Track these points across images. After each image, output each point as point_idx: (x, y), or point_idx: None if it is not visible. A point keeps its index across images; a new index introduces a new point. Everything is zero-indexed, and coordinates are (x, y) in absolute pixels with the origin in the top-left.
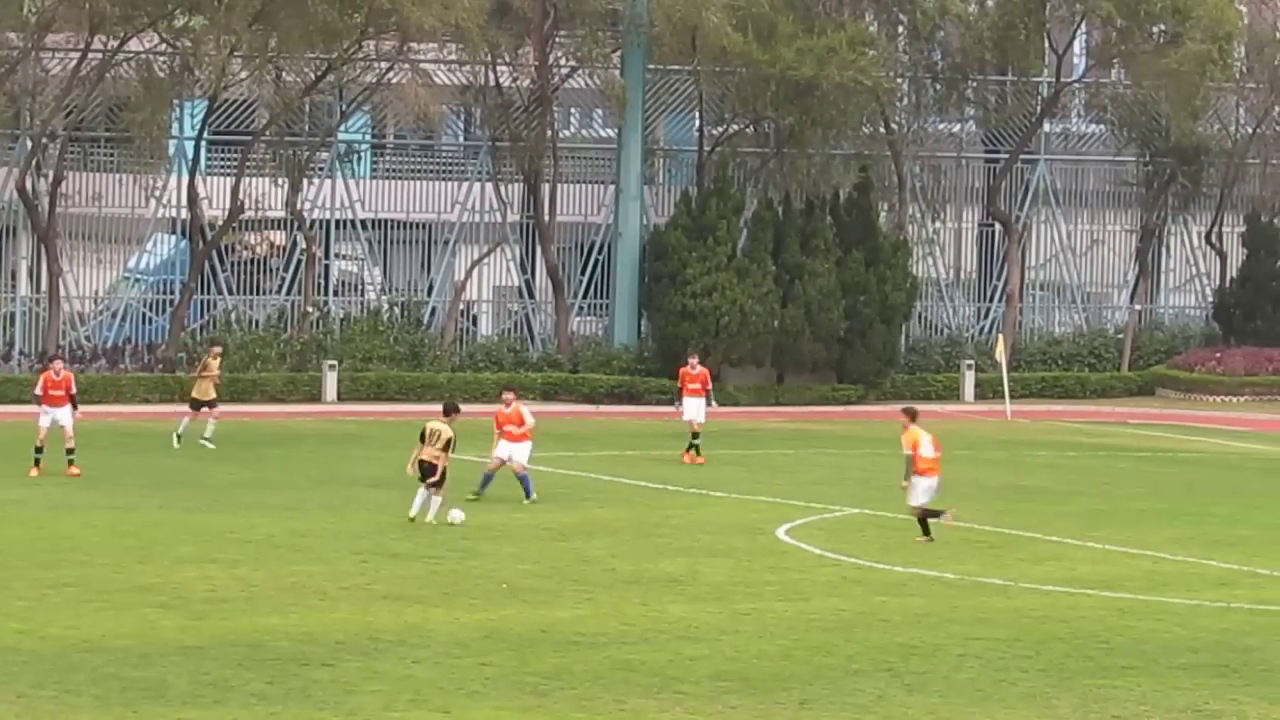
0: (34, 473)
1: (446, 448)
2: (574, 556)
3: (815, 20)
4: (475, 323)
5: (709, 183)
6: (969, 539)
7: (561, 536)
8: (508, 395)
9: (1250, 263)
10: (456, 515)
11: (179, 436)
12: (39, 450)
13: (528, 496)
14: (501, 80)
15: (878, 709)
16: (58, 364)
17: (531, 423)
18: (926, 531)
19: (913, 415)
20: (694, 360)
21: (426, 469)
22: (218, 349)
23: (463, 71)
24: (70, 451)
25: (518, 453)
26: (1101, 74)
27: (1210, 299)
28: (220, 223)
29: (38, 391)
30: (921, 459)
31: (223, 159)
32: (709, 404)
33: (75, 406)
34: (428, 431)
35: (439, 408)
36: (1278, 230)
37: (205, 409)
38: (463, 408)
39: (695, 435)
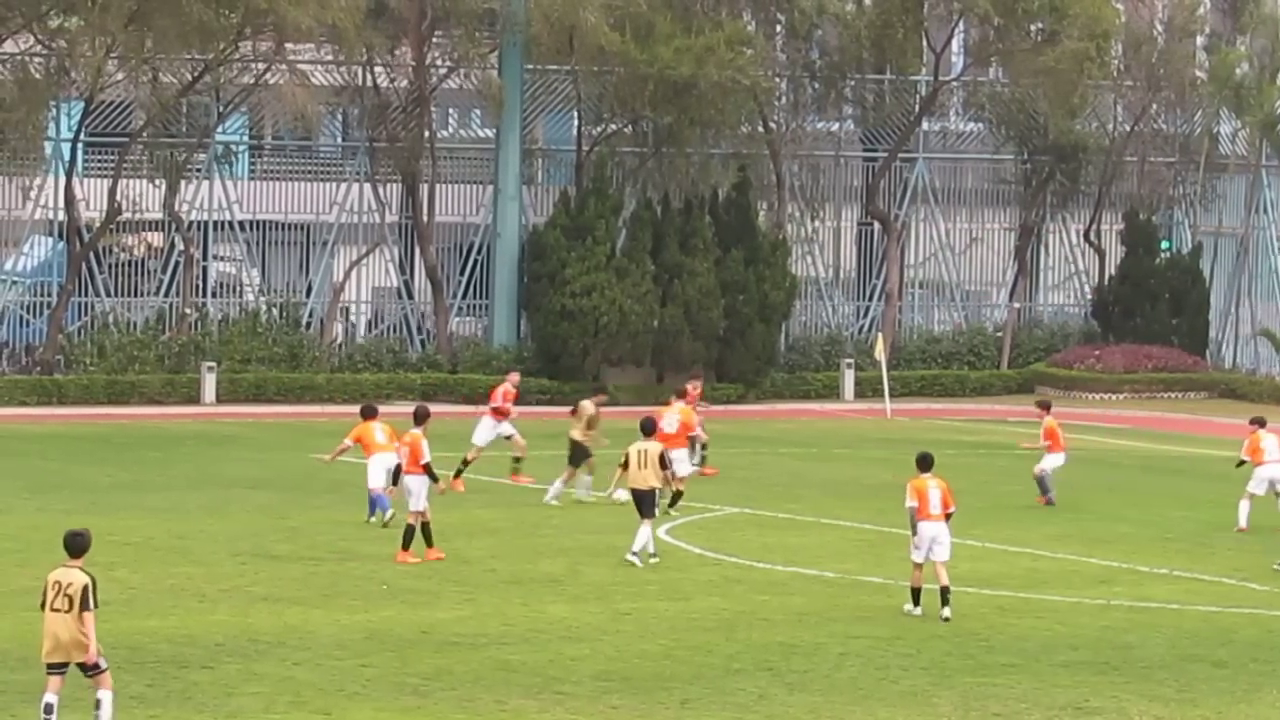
0: (459, 486)
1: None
2: (454, 557)
3: (693, 20)
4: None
5: (587, 182)
6: (848, 537)
7: (442, 537)
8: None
9: (1128, 260)
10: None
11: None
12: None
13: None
14: (379, 80)
15: (759, 708)
16: (515, 376)
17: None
18: None
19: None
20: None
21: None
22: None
23: (340, 72)
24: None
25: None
26: (979, 72)
27: (1089, 297)
28: (97, 224)
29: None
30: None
31: (100, 160)
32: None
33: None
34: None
35: (319, 409)
36: (1155, 228)
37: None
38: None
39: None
